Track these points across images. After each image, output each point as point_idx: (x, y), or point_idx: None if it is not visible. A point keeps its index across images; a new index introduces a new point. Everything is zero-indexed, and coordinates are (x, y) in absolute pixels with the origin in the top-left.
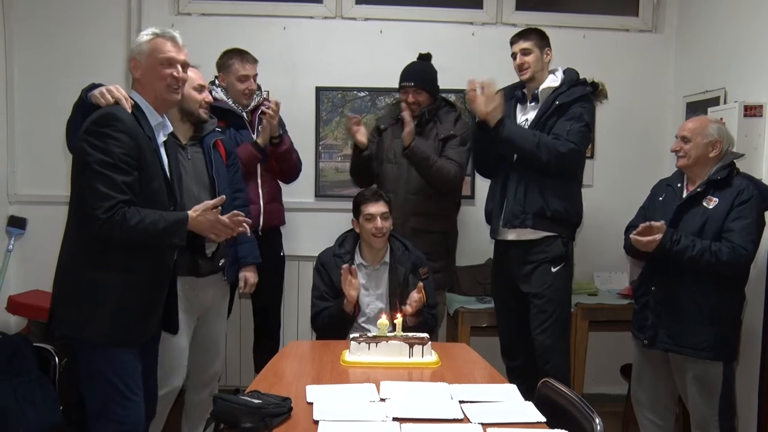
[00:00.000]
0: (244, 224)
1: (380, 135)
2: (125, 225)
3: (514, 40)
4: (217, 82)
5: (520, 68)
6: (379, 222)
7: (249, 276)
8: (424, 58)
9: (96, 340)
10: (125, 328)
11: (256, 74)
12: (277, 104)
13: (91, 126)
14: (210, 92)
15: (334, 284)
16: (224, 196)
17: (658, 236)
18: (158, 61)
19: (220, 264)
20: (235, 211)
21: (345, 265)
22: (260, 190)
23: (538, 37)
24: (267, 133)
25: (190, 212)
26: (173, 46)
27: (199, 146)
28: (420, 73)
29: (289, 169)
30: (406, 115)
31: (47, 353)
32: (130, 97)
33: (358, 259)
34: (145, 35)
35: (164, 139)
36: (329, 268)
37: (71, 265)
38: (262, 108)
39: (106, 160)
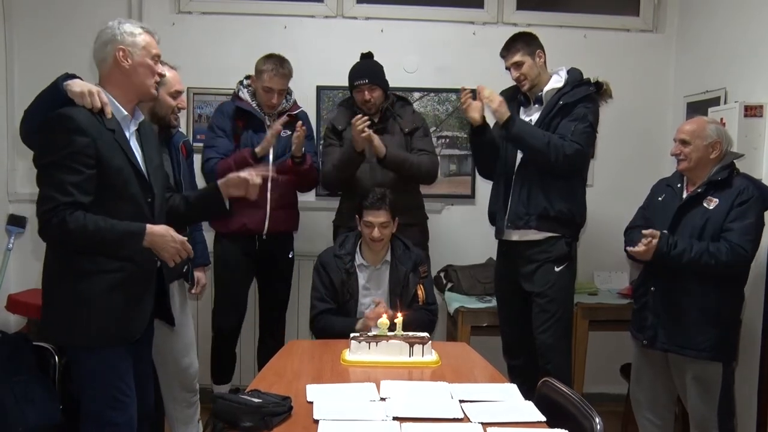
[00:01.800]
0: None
1: (340, 137)
2: (64, 229)
3: (503, 55)
4: (245, 82)
5: (518, 81)
6: (376, 231)
7: (200, 276)
8: (368, 57)
9: (85, 344)
10: (112, 328)
11: (284, 90)
12: (303, 129)
13: (44, 126)
14: (237, 91)
15: (334, 285)
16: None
17: (654, 242)
18: (150, 54)
19: (184, 270)
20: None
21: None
22: (268, 195)
23: (524, 44)
24: (268, 144)
25: (149, 226)
26: (157, 43)
27: (165, 147)
28: (372, 70)
29: (307, 183)
30: (367, 135)
31: (47, 352)
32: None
33: (358, 259)
34: (134, 28)
35: (135, 128)
36: (329, 269)
37: (52, 270)
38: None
39: (53, 161)
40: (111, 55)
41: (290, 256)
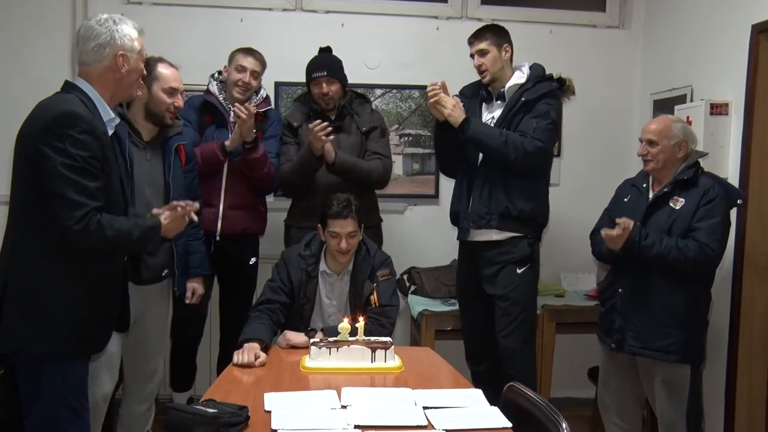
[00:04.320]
0: (189, 211)
1: (295, 134)
2: (101, 235)
3: (470, 41)
4: (216, 75)
5: (479, 70)
6: (344, 243)
7: (196, 287)
8: (327, 51)
9: (50, 353)
10: (86, 337)
11: (257, 71)
12: (250, 109)
13: (52, 125)
14: (208, 85)
15: (293, 284)
16: (192, 203)
17: (624, 233)
18: (143, 58)
19: (163, 274)
20: (177, 204)
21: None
22: (222, 194)
23: (493, 34)
24: (238, 137)
25: (161, 219)
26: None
27: (160, 148)
28: (330, 63)
29: (258, 179)
30: (321, 138)
31: None
32: (80, 88)
33: (322, 266)
34: (131, 31)
35: (111, 132)
36: (290, 265)
37: (19, 274)
38: (234, 108)
39: (73, 165)
40: (109, 59)
41: (252, 262)
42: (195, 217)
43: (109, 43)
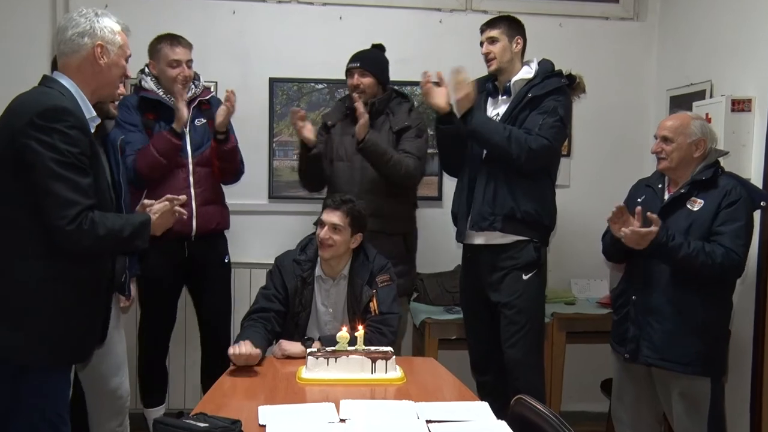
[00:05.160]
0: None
1: (328, 132)
2: (95, 234)
3: (482, 28)
4: (147, 70)
5: (486, 58)
6: (324, 232)
7: (133, 289)
8: (378, 48)
9: (33, 363)
10: (70, 346)
11: (190, 60)
12: (231, 104)
13: (39, 120)
14: (140, 81)
15: (287, 290)
16: (185, 197)
17: (655, 228)
18: (124, 57)
19: (123, 279)
20: (170, 197)
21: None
22: (192, 191)
23: (507, 25)
24: (184, 117)
25: (151, 214)
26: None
27: (101, 144)
28: (368, 56)
29: (232, 169)
30: (359, 105)
31: None
32: (61, 83)
33: (317, 270)
34: (113, 24)
35: (93, 131)
36: (285, 272)
37: (6, 277)
38: (201, 98)
39: (63, 160)
40: (87, 49)
41: (226, 260)
42: (184, 212)
43: (88, 32)
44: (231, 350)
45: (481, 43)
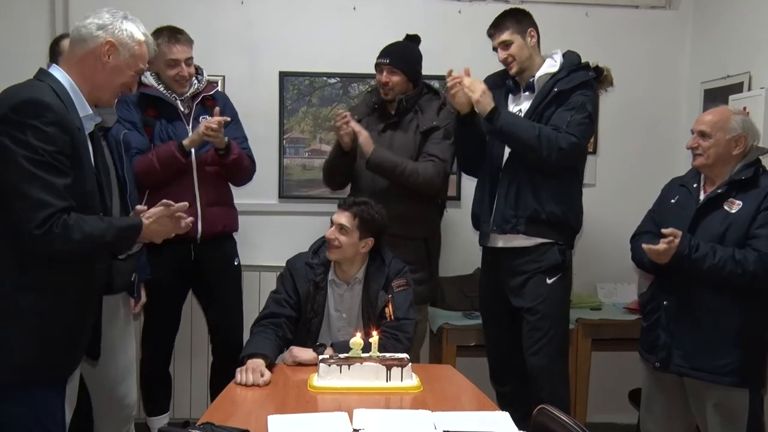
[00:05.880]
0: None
1: None
2: (68, 239)
3: (489, 33)
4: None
5: (506, 63)
6: (331, 231)
7: (140, 292)
8: (412, 39)
9: (10, 381)
10: (51, 361)
11: (190, 57)
12: (220, 123)
13: (13, 115)
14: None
15: (299, 295)
16: (186, 203)
17: (675, 242)
18: (136, 67)
19: (132, 280)
20: (168, 202)
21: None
22: (197, 191)
23: (515, 21)
24: (199, 138)
25: (144, 218)
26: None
27: (103, 140)
28: (399, 51)
29: (239, 176)
30: (353, 126)
31: None
32: (55, 76)
33: (331, 274)
34: (136, 33)
35: (90, 130)
36: (297, 276)
37: None
38: (202, 120)
39: (36, 159)
40: (97, 43)
41: (236, 263)
42: (189, 220)
43: (106, 27)
44: (238, 376)
45: (494, 48)
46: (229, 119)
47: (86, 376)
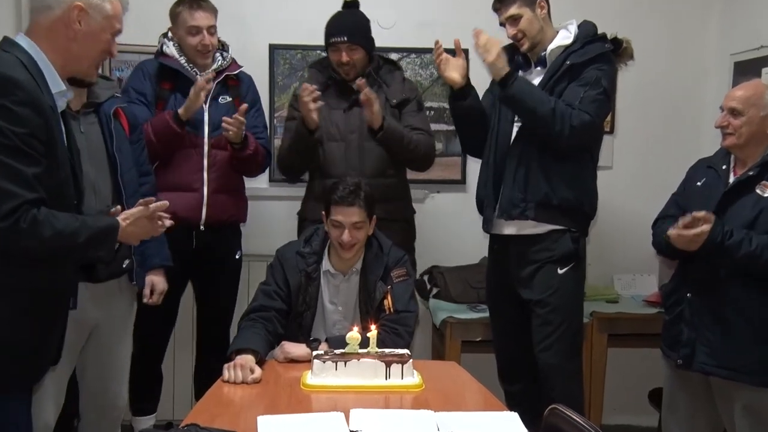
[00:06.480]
0: (163, 218)
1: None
2: (35, 235)
3: (495, 7)
4: (170, 34)
5: (515, 39)
6: (346, 234)
7: (157, 281)
8: (351, 6)
9: None
10: (13, 369)
11: (213, 26)
12: (239, 120)
13: None
14: (161, 46)
15: (289, 287)
16: (167, 202)
17: (707, 227)
18: (112, 28)
19: (124, 266)
20: (148, 200)
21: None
22: (205, 175)
23: None
24: (195, 108)
25: (120, 219)
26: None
27: (94, 115)
28: (352, 24)
29: (252, 168)
30: (367, 92)
31: None
32: (21, 46)
33: (325, 264)
34: None
35: (63, 108)
36: (287, 266)
37: None
38: (199, 76)
39: (4, 143)
40: (63, 8)
41: (237, 256)
42: (168, 222)
43: None
44: (225, 373)
45: (501, 24)
46: (233, 120)
47: (77, 373)
